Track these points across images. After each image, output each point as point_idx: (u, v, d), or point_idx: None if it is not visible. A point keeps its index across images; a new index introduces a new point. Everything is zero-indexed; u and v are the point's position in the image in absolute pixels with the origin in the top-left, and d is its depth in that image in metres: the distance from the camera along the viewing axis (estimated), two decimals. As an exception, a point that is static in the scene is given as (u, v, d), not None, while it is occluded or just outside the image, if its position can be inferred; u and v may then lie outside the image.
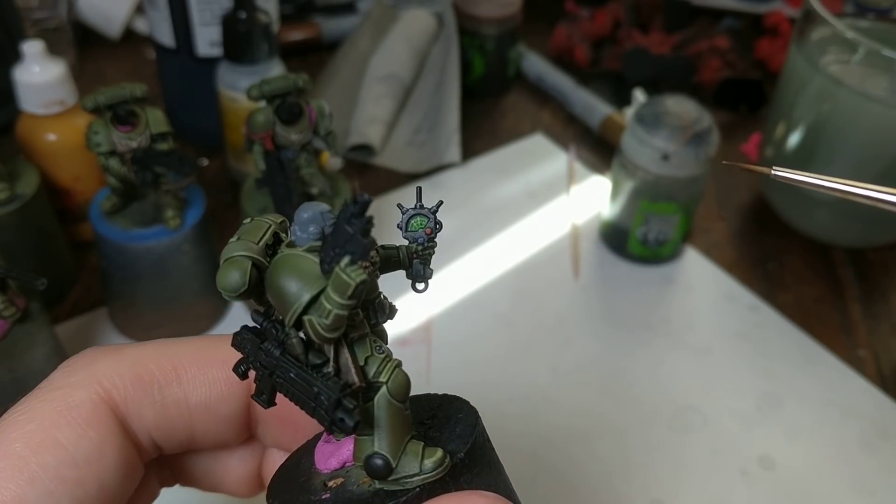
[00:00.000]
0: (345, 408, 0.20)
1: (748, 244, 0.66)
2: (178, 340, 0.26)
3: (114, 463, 0.23)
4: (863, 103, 0.55)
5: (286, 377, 0.21)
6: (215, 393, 0.25)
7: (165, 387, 0.25)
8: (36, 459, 0.21)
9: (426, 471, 0.22)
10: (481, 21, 0.76)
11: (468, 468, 0.23)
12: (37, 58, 0.50)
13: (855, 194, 0.30)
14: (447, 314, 0.56)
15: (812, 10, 0.56)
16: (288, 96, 0.46)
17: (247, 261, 0.21)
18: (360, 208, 0.19)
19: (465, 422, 0.24)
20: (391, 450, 0.22)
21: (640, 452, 0.49)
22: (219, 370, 0.25)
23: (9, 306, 0.41)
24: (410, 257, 0.24)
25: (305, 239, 0.21)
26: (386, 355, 0.22)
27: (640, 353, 0.55)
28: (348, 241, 0.19)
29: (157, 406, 0.24)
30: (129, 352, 0.25)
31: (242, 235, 0.21)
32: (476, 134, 0.75)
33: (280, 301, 0.20)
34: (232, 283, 0.21)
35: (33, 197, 0.50)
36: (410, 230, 0.24)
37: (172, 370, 0.25)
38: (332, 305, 0.19)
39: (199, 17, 0.61)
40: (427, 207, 0.24)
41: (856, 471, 0.49)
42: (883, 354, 0.57)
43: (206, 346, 0.26)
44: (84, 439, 0.22)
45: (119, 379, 0.24)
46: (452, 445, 0.23)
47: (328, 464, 0.24)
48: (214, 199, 0.63)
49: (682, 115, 0.56)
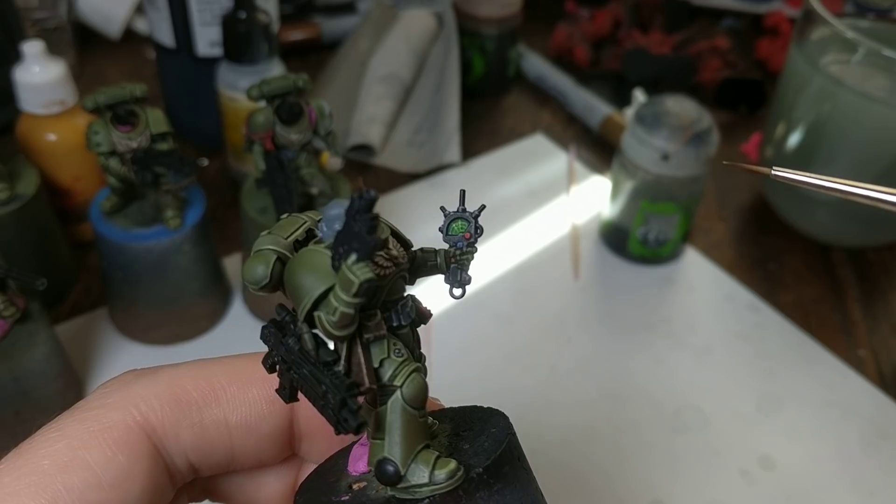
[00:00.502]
0: (349, 408, 0.20)
1: (748, 244, 0.66)
2: (214, 360, 0.26)
3: (140, 487, 0.22)
4: (863, 103, 0.55)
5: (300, 372, 0.21)
6: (255, 412, 0.25)
7: (204, 408, 0.24)
8: (61, 479, 0.21)
9: (436, 482, 0.21)
10: (481, 21, 0.76)
11: (487, 485, 0.22)
12: (37, 58, 0.50)
13: (855, 194, 0.29)
14: (447, 314, 0.56)
15: (812, 10, 0.56)
16: (288, 96, 0.46)
17: (272, 254, 0.21)
18: (366, 204, 0.19)
19: (495, 437, 0.23)
20: (401, 456, 0.21)
21: (640, 452, 0.49)
22: (258, 389, 0.25)
23: (9, 306, 0.41)
24: (448, 262, 0.23)
25: (331, 235, 0.20)
26: (405, 359, 0.21)
27: (640, 353, 0.55)
28: (354, 239, 0.19)
29: (196, 428, 0.24)
30: (166, 372, 0.24)
31: (274, 230, 0.21)
32: (476, 134, 0.74)
33: (294, 295, 0.20)
34: (255, 276, 0.21)
35: (33, 197, 0.50)
36: (451, 234, 0.23)
37: (211, 390, 0.24)
38: (338, 303, 0.19)
39: (199, 17, 0.61)
40: (469, 211, 0.23)
41: (856, 471, 0.49)
42: (883, 354, 0.57)
43: (243, 364, 0.25)
44: (112, 462, 0.22)
45: (156, 401, 0.23)
46: (474, 459, 0.22)
47: (357, 466, 0.23)
48: (214, 199, 0.63)
49: (682, 115, 0.56)
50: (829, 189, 0.30)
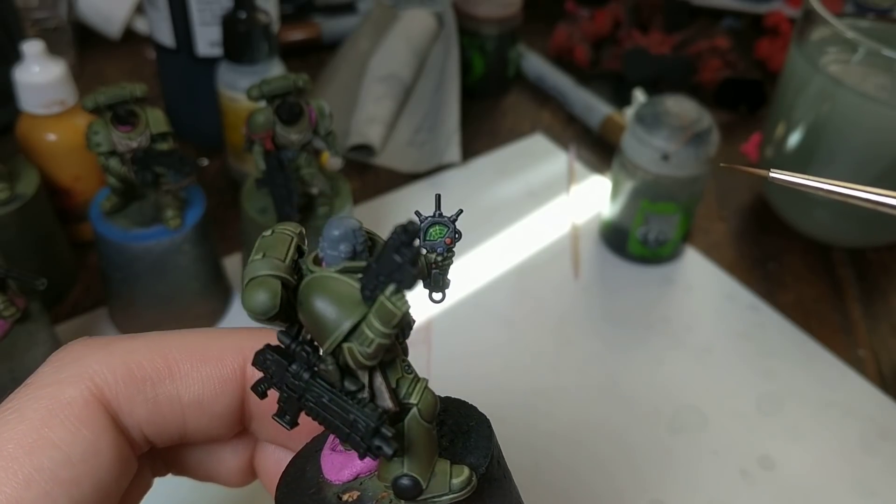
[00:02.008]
0: (383, 436, 0.20)
1: (748, 244, 0.66)
2: (169, 334, 0.26)
3: (108, 460, 0.23)
4: (863, 103, 0.55)
5: (318, 402, 0.21)
6: (209, 390, 0.25)
7: (158, 384, 0.24)
8: (30, 461, 0.21)
9: (454, 490, 0.21)
10: (481, 21, 0.76)
11: (487, 481, 0.23)
12: (37, 58, 0.50)
13: (852, 196, 0.29)
14: (447, 314, 0.56)
15: (812, 10, 0.56)
16: (288, 96, 0.45)
17: (276, 281, 0.20)
18: (410, 237, 0.18)
19: (478, 432, 0.24)
20: (421, 471, 0.21)
21: (640, 452, 0.49)
22: (212, 367, 0.25)
23: (9, 306, 0.41)
24: (429, 267, 0.23)
25: (336, 257, 0.20)
26: (414, 376, 0.21)
27: (640, 353, 0.55)
28: (396, 271, 0.18)
29: (150, 403, 0.24)
30: (120, 345, 0.24)
31: (267, 252, 0.20)
32: (476, 134, 0.75)
33: (317, 326, 0.20)
34: (261, 306, 0.19)
35: (33, 197, 0.50)
36: (429, 239, 0.23)
37: (165, 366, 0.24)
38: (374, 334, 0.19)
39: (199, 17, 0.61)
40: (446, 216, 0.23)
41: (856, 471, 0.49)
42: (883, 354, 0.57)
43: (198, 340, 0.25)
44: (78, 438, 0.22)
45: (110, 375, 0.23)
46: (472, 459, 0.23)
47: (340, 475, 0.23)
48: (214, 199, 0.63)
49: (682, 115, 0.56)
50: (826, 191, 0.30)
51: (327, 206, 0.50)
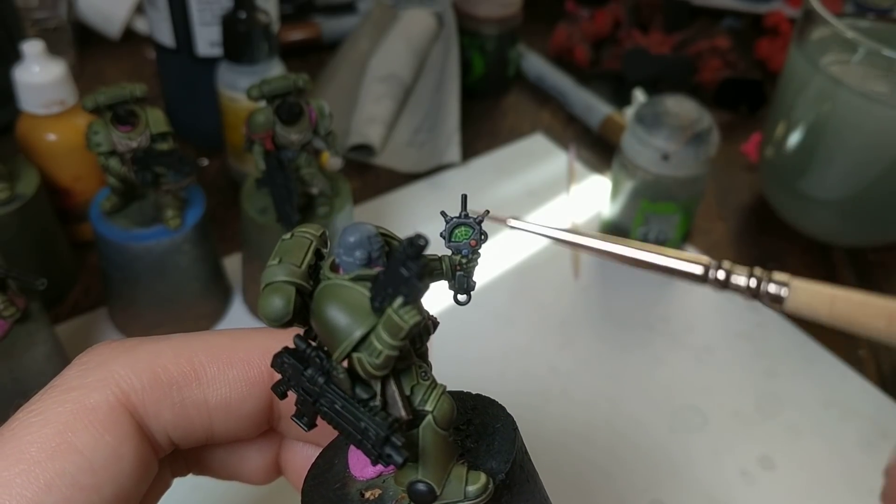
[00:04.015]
0: (393, 444, 0.20)
1: (748, 244, 0.66)
2: (194, 336, 0.25)
3: (130, 466, 0.22)
4: (863, 103, 0.55)
5: (331, 407, 0.21)
6: (236, 393, 0.25)
7: (184, 387, 0.24)
8: (52, 465, 0.21)
9: (469, 497, 0.21)
10: (481, 21, 0.76)
11: (508, 488, 0.22)
12: (37, 58, 0.50)
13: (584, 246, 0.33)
14: (447, 314, 0.56)
15: (812, 10, 0.56)
16: (288, 96, 0.45)
17: (290, 287, 0.20)
18: (417, 251, 0.18)
19: (503, 435, 0.23)
20: (436, 478, 0.21)
21: (640, 452, 0.49)
22: (239, 369, 0.25)
23: (9, 306, 0.41)
24: (454, 268, 0.23)
25: (351, 264, 0.20)
26: (430, 382, 0.21)
27: (640, 353, 0.55)
28: (402, 284, 0.18)
29: (176, 407, 0.24)
30: (146, 349, 0.24)
31: (284, 257, 0.20)
32: (476, 134, 0.75)
33: (328, 334, 0.20)
34: (275, 312, 0.20)
35: (33, 197, 0.50)
36: (454, 240, 0.23)
37: (191, 370, 0.24)
38: (382, 346, 0.19)
39: (199, 17, 0.61)
40: (472, 217, 0.23)
41: (856, 471, 0.49)
42: (883, 354, 0.57)
43: (224, 343, 0.25)
44: (101, 444, 0.22)
45: (136, 380, 0.23)
46: (493, 463, 0.22)
47: (364, 472, 0.23)
48: (214, 199, 0.63)
49: (682, 115, 0.56)
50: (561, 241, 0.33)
51: (327, 206, 0.50)
